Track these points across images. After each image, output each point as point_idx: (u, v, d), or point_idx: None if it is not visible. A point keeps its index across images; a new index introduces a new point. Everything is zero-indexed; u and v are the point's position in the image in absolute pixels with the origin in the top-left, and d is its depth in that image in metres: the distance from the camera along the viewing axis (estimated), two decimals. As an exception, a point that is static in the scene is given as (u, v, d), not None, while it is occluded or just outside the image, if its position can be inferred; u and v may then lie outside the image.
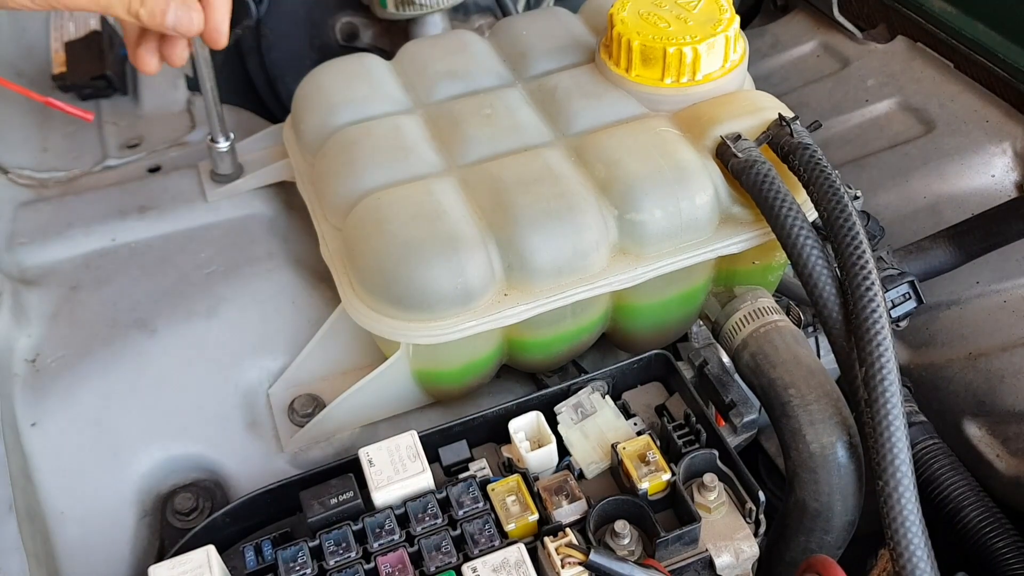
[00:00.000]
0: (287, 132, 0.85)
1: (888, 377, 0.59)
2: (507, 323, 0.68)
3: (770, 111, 0.73)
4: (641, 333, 0.77)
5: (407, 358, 0.70)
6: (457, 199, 0.70)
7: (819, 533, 0.64)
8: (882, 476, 0.58)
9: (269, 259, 0.82)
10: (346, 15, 1.19)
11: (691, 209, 0.69)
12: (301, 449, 0.72)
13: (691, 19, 0.76)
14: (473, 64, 0.83)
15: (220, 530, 0.62)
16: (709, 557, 0.59)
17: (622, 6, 0.78)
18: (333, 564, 0.57)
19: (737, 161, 0.69)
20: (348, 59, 0.86)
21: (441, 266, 0.66)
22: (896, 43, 1.06)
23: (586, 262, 0.68)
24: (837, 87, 1.07)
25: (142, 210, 0.86)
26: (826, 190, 0.65)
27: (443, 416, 0.74)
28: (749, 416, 0.67)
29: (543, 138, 0.76)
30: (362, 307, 0.68)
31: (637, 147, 0.71)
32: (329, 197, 0.74)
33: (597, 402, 0.66)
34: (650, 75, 0.76)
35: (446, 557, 0.57)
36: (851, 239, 0.63)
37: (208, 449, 0.71)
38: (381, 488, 0.60)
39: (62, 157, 0.96)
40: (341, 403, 0.72)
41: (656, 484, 0.60)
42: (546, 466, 0.63)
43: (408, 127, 0.77)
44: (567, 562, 0.56)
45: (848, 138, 1.01)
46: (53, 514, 0.69)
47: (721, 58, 0.75)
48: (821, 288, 0.64)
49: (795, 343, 0.67)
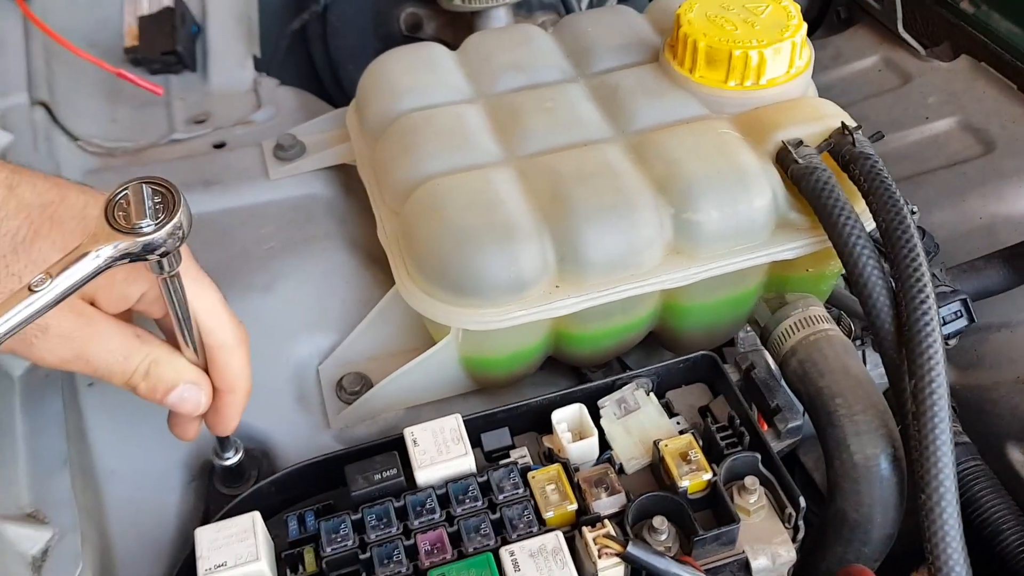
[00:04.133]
0: (351, 116, 0.86)
1: (937, 391, 0.59)
2: (557, 315, 0.68)
3: (833, 119, 0.73)
4: (689, 334, 0.77)
5: (456, 343, 0.71)
6: (514, 189, 0.71)
7: (857, 544, 0.64)
8: (925, 490, 0.58)
9: (326, 239, 0.83)
10: (411, 5, 1.20)
11: (748, 212, 0.69)
12: (347, 426, 0.74)
13: (758, 23, 0.76)
14: (536, 58, 0.84)
15: (265, 498, 0.63)
16: (745, 559, 0.59)
17: (690, 7, 0.78)
18: (374, 538, 0.58)
19: (797, 167, 0.69)
20: (414, 47, 0.87)
21: (495, 254, 0.66)
22: (959, 62, 1.05)
23: (639, 259, 0.68)
24: (897, 103, 1.06)
25: (206, 184, 0.88)
26: (885, 200, 0.65)
27: (487, 403, 0.75)
28: (794, 422, 0.67)
29: (603, 134, 0.76)
30: (416, 290, 0.69)
31: (697, 147, 0.72)
32: (389, 181, 0.75)
33: (641, 399, 0.66)
34: (714, 77, 0.76)
35: (484, 539, 0.58)
36: (908, 251, 0.63)
37: (257, 419, 0.72)
38: (424, 468, 0.61)
39: (130, 129, 0.99)
40: (389, 383, 0.73)
41: (696, 483, 0.60)
42: (587, 458, 0.63)
43: (470, 116, 0.78)
44: (604, 552, 0.56)
45: (906, 154, 1.00)
46: (104, 472, 0.71)
47: (786, 63, 0.76)
48: (875, 298, 0.64)
49: (844, 353, 0.67)
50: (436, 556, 0.57)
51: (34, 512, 0.63)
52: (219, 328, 0.58)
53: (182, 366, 0.57)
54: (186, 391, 0.57)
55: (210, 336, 0.57)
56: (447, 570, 0.56)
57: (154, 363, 0.57)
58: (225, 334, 0.58)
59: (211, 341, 0.58)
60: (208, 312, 0.57)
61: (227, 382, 0.59)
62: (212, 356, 0.58)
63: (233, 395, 0.59)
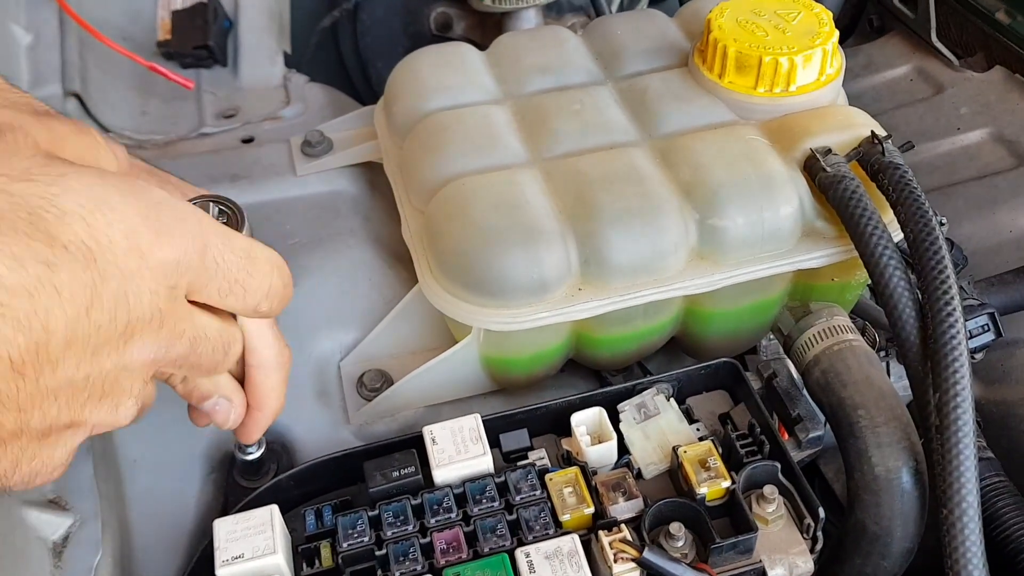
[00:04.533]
0: (378, 114, 0.87)
1: (962, 405, 0.58)
2: (579, 317, 0.68)
3: (863, 128, 0.72)
4: (711, 340, 0.76)
5: (477, 343, 0.71)
6: (539, 191, 0.71)
7: (876, 557, 0.63)
8: (947, 505, 0.58)
9: (351, 235, 0.84)
10: (441, 5, 1.20)
11: (774, 219, 0.69)
12: (366, 422, 0.74)
13: (789, 30, 0.76)
14: (565, 60, 0.84)
15: (284, 492, 0.63)
16: (763, 568, 0.59)
17: (720, 12, 0.78)
18: (390, 535, 0.59)
19: (825, 175, 0.68)
20: (443, 47, 0.87)
21: (519, 255, 0.66)
22: (993, 72, 1.04)
23: (663, 263, 0.68)
24: (928, 113, 1.05)
25: (234, 178, 0.89)
26: (914, 211, 0.65)
27: (506, 404, 0.75)
28: (815, 432, 0.67)
29: (630, 137, 0.76)
30: (438, 289, 0.69)
31: (724, 153, 0.71)
32: (415, 179, 0.76)
33: (661, 404, 0.66)
34: (743, 83, 0.76)
35: (500, 540, 0.58)
36: (936, 262, 0.62)
37: (278, 413, 0.73)
38: (442, 466, 0.61)
39: (160, 122, 1.00)
40: (409, 381, 0.73)
41: (715, 490, 0.60)
42: (605, 462, 0.63)
43: (497, 117, 0.78)
44: (620, 557, 0.56)
45: (936, 165, 0.99)
46: (126, 461, 0.72)
47: (817, 71, 0.75)
48: (901, 309, 0.63)
49: (868, 364, 0.66)
50: (452, 555, 0.57)
51: (56, 498, 0.64)
52: (262, 347, 0.57)
53: (222, 380, 0.57)
54: (219, 404, 0.57)
55: (251, 355, 0.57)
56: (462, 569, 0.56)
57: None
58: (267, 353, 0.58)
59: (251, 360, 0.57)
60: (254, 332, 0.57)
61: (258, 400, 0.59)
62: (250, 374, 0.58)
63: (261, 412, 0.59)
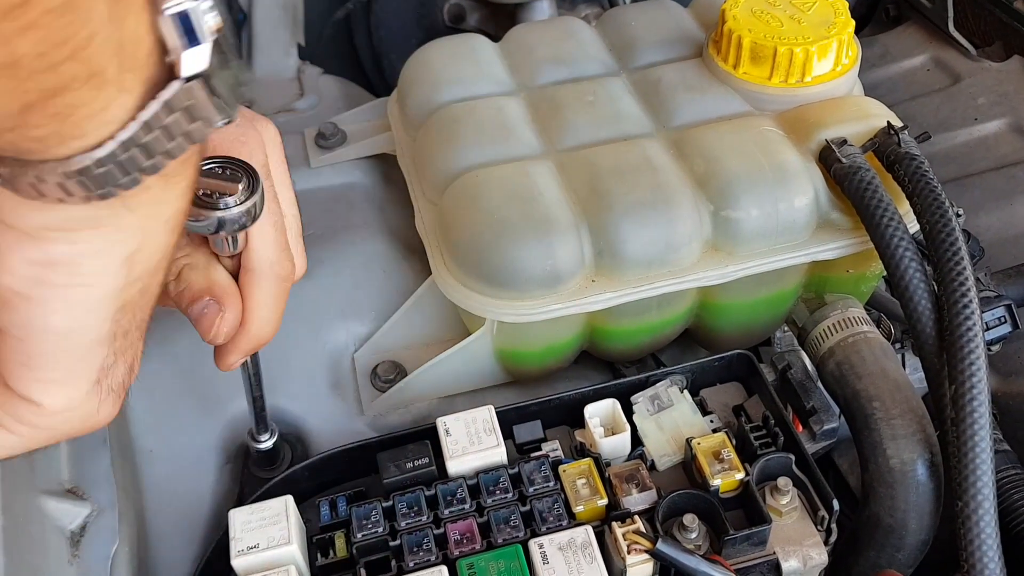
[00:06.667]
0: (392, 106, 0.87)
1: (978, 397, 0.58)
2: (592, 309, 0.68)
3: (878, 119, 0.71)
4: (725, 332, 0.76)
5: (491, 335, 0.71)
6: (553, 182, 0.71)
7: (890, 550, 0.63)
8: (962, 497, 0.57)
9: (365, 227, 0.84)
10: (455, -4, 1.21)
11: (789, 211, 0.69)
12: (380, 413, 0.74)
13: (804, 20, 0.75)
14: (579, 51, 0.84)
15: (298, 483, 0.64)
16: (776, 560, 0.59)
17: (735, 2, 0.77)
18: (404, 526, 0.59)
19: (840, 166, 0.68)
20: (456, 38, 0.87)
21: (532, 247, 0.66)
22: (1012, 62, 1.03)
23: (677, 255, 0.68)
24: (945, 103, 1.04)
25: (247, 170, 0.89)
26: (930, 203, 0.64)
27: (519, 396, 0.75)
28: (830, 424, 0.67)
29: (643, 129, 0.76)
30: (452, 281, 0.70)
31: (739, 144, 0.71)
32: (428, 171, 0.76)
33: (675, 396, 0.66)
34: (758, 73, 0.75)
35: (514, 531, 0.58)
36: (952, 254, 0.62)
37: (292, 404, 0.74)
38: (456, 457, 0.61)
39: (175, 114, 1.00)
40: (423, 373, 0.73)
41: (729, 482, 0.60)
42: (618, 453, 0.63)
43: (510, 109, 0.78)
44: (633, 548, 0.56)
45: (953, 156, 0.99)
46: (142, 452, 0.72)
47: (832, 61, 0.74)
48: (916, 301, 0.63)
49: (883, 356, 0.66)
50: (465, 546, 0.58)
51: (74, 488, 0.64)
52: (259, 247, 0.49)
53: (217, 276, 0.49)
54: (208, 307, 0.48)
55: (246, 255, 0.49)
56: (476, 560, 0.56)
57: (188, 267, 0.49)
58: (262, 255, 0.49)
59: (244, 261, 0.49)
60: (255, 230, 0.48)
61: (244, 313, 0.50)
62: (241, 281, 0.50)
63: (244, 328, 0.50)
